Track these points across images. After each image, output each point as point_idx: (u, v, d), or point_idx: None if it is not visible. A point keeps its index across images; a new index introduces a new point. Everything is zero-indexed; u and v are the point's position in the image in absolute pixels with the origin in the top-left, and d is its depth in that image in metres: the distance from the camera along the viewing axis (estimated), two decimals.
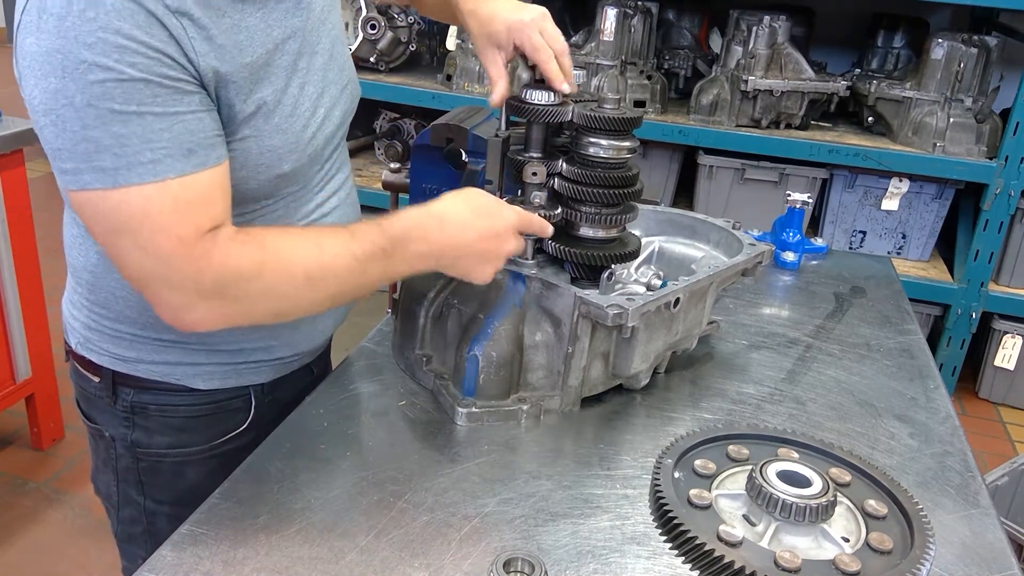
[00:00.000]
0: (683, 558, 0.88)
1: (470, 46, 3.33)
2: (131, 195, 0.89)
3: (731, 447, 1.03)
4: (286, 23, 1.04)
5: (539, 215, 1.14)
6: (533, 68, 1.18)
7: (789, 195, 1.84)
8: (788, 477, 0.93)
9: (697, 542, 0.87)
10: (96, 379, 1.18)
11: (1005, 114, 3.12)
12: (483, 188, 1.35)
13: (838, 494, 0.94)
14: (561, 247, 1.16)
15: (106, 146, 0.87)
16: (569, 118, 1.16)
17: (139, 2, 0.86)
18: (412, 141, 2.43)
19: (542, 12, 1.19)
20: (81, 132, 0.86)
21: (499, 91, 1.19)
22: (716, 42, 3.60)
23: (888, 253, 3.34)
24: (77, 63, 0.84)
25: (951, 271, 3.30)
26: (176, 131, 0.90)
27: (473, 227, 1.05)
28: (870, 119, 3.32)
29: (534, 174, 1.15)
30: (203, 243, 0.92)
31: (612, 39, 3.24)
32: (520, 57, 1.21)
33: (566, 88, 1.16)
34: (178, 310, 0.96)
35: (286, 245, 0.97)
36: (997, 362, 3.36)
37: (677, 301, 1.17)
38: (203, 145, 0.93)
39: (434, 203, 1.06)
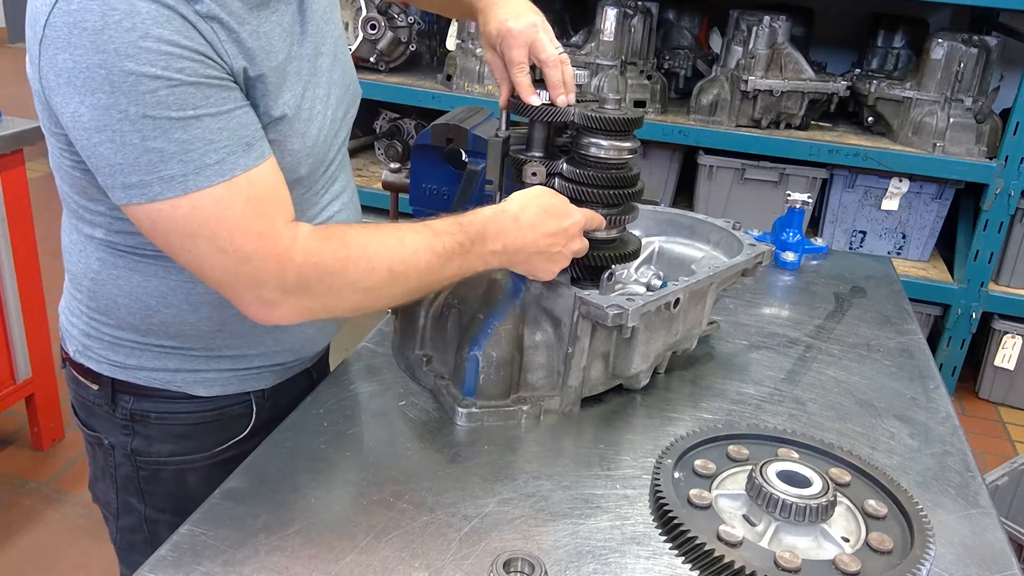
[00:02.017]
0: (683, 558, 0.88)
1: (470, 46, 3.33)
2: (202, 199, 0.88)
3: (731, 447, 1.03)
4: (296, 27, 1.05)
5: None
6: (534, 68, 1.18)
7: (789, 195, 1.84)
8: (788, 477, 0.93)
9: (697, 542, 0.87)
10: (95, 387, 1.17)
11: (1005, 114, 3.12)
12: (483, 188, 1.35)
13: (838, 494, 0.94)
14: None
15: (171, 154, 0.86)
16: (570, 118, 1.16)
17: (174, 8, 0.86)
18: (412, 141, 2.43)
19: (533, 24, 1.17)
20: (142, 144, 0.86)
21: (505, 94, 1.20)
22: (716, 42, 3.60)
23: (888, 253, 3.34)
24: (124, 76, 0.83)
25: (951, 271, 3.30)
26: (232, 127, 0.90)
27: (544, 227, 1.08)
28: (870, 119, 3.32)
29: (534, 174, 1.15)
30: (283, 239, 0.92)
31: (612, 39, 3.24)
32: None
33: (562, 100, 1.16)
34: (263, 307, 0.96)
35: (370, 240, 0.98)
36: (997, 362, 3.36)
37: (677, 301, 1.17)
38: (257, 137, 0.93)
39: (507, 202, 1.09)
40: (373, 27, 3.47)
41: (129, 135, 0.85)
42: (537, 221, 1.07)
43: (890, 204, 3.26)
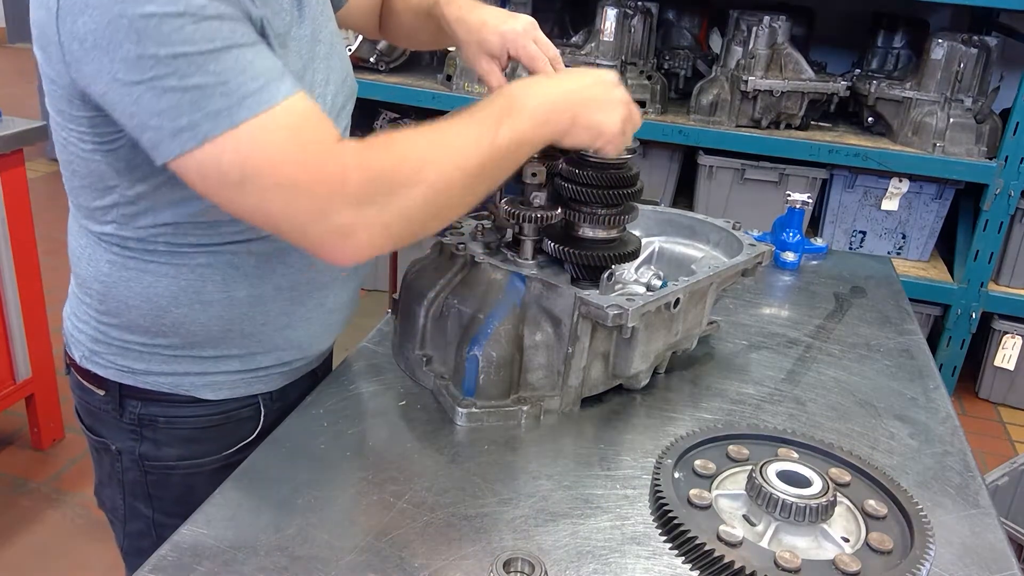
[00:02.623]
0: (683, 558, 0.89)
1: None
2: (246, 135, 0.86)
3: (731, 447, 1.03)
4: (295, 10, 1.05)
5: (539, 215, 1.15)
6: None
7: (789, 195, 1.84)
8: (788, 477, 0.93)
9: (697, 542, 0.87)
10: (101, 392, 1.16)
11: (1005, 114, 3.12)
12: None
13: (838, 494, 0.94)
14: (561, 247, 1.16)
15: (211, 87, 0.84)
16: None
17: None
18: None
19: (532, 21, 1.20)
20: (180, 84, 0.84)
21: None
22: (716, 42, 3.60)
23: (888, 253, 3.34)
24: (147, 20, 0.82)
25: (951, 271, 3.30)
26: (264, 57, 0.89)
27: (578, 77, 1.07)
28: (870, 119, 3.32)
29: (534, 174, 1.15)
30: (334, 159, 0.90)
31: (612, 39, 3.24)
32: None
33: None
34: (339, 239, 0.91)
35: (412, 136, 0.95)
36: (997, 362, 3.37)
37: (677, 301, 1.17)
38: (286, 71, 0.91)
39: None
40: None
41: (166, 79, 0.84)
42: (568, 75, 1.06)
43: (890, 204, 3.26)
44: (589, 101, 1.05)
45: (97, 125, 0.96)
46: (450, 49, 3.51)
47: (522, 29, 1.18)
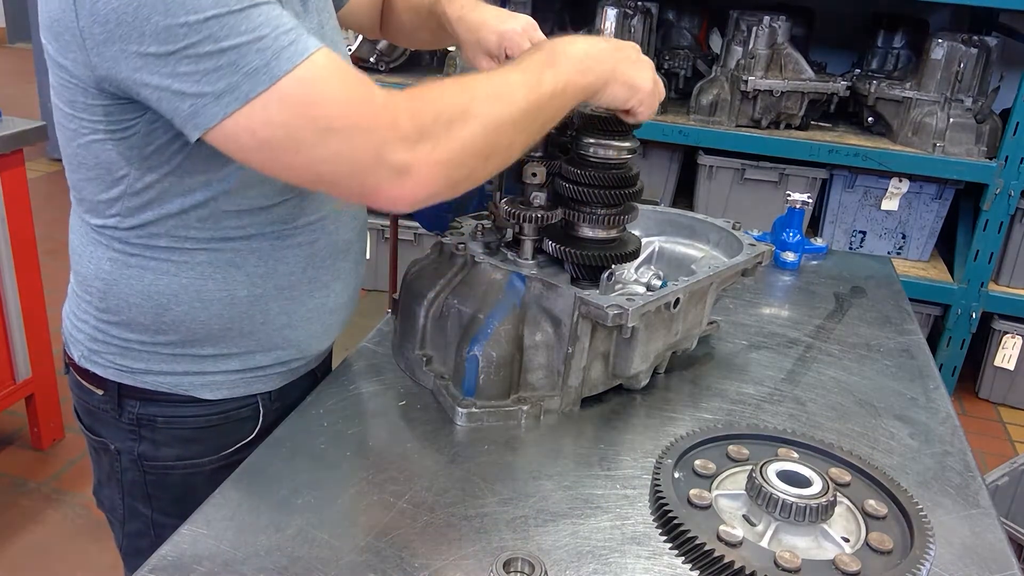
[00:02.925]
0: (683, 558, 0.89)
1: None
2: (288, 87, 0.85)
3: (731, 447, 1.03)
4: (300, 4, 1.06)
5: (539, 215, 1.15)
6: None
7: (789, 195, 1.84)
8: (788, 477, 0.93)
9: (697, 542, 0.87)
10: (100, 392, 1.16)
11: (1005, 114, 3.12)
12: (483, 188, 1.35)
13: (838, 494, 0.94)
14: (561, 247, 1.16)
15: (246, 45, 0.84)
16: (570, 118, 1.17)
17: None
18: None
19: (531, 21, 1.22)
20: (215, 47, 0.84)
21: None
22: (716, 42, 3.60)
23: (888, 253, 3.35)
24: None
25: (951, 271, 3.30)
26: (288, 14, 0.89)
27: (608, 41, 1.07)
28: (870, 119, 3.32)
29: (534, 174, 1.15)
30: (381, 97, 0.89)
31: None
32: None
33: None
34: (398, 179, 0.89)
35: (456, 80, 0.95)
36: (997, 362, 3.37)
37: (677, 301, 1.17)
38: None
39: None
40: None
41: (201, 44, 0.84)
42: (596, 38, 1.06)
43: (890, 204, 3.26)
44: (624, 59, 1.07)
45: (111, 113, 0.96)
46: (450, 49, 3.52)
47: (521, 29, 1.19)
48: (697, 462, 1.00)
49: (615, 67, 1.05)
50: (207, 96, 0.86)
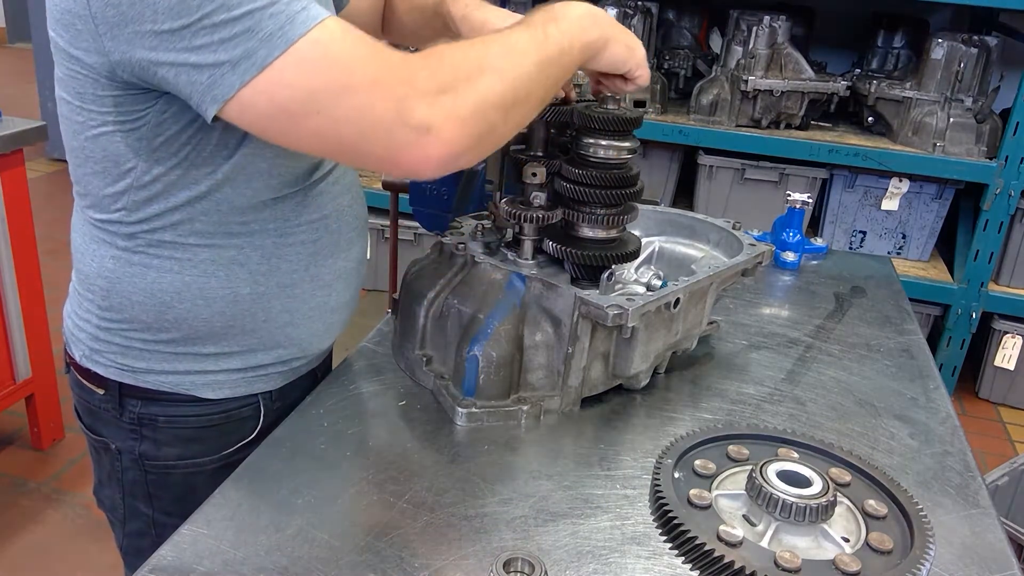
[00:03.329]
0: (683, 558, 0.89)
1: None
2: (303, 49, 0.86)
3: (731, 447, 1.03)
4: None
5: (539, 215, 1.15)
6: None
7: (789, 195, 1.84)
8: (788, 477, 0.93)
9: (697, 542, 0.87)
10: (101, 391, 1.16)
11: (1005, 114, 3.13)
12: (483, 188, 1.36)
13: (838, 494, 0.94)
14: (561, 247, 1.16)
15: (258, 10, 0.84)
16: (570, 118, 1.17)
17: None
18: None
19: None
20: (228, 15, 0.84)
21: None
22: (716, 42, 3.60)
23: (888, 253, 3.35)
24: None
25: (951, 271, 3.31)
26: None
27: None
28: (870, 119, 3.33)
29: (534, 174, 1.15)
30: (397, 55, 0.89)
31: None
32: None
33: (579, 77, 1.19)
34: (418, 136, 0.88)
35: (466, 41, 0.97)
36: (997, 362, 3.37)
37: (677, 301, 1.17)
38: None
39: None
40: None
41: (215, 14, 0.84)
42: (592, 6, 1.08)
43: (890, 204, 3.26)
44: (617, 24, 1.09)
45: (121, 104, 0.96)
46: None
47: None
48: (697, 462, 1.00)
49: (612, 28, 1.07)
50: (224, 65, 0.86)
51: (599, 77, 1.14)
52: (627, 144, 1.16)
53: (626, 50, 1.08)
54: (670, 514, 0.91)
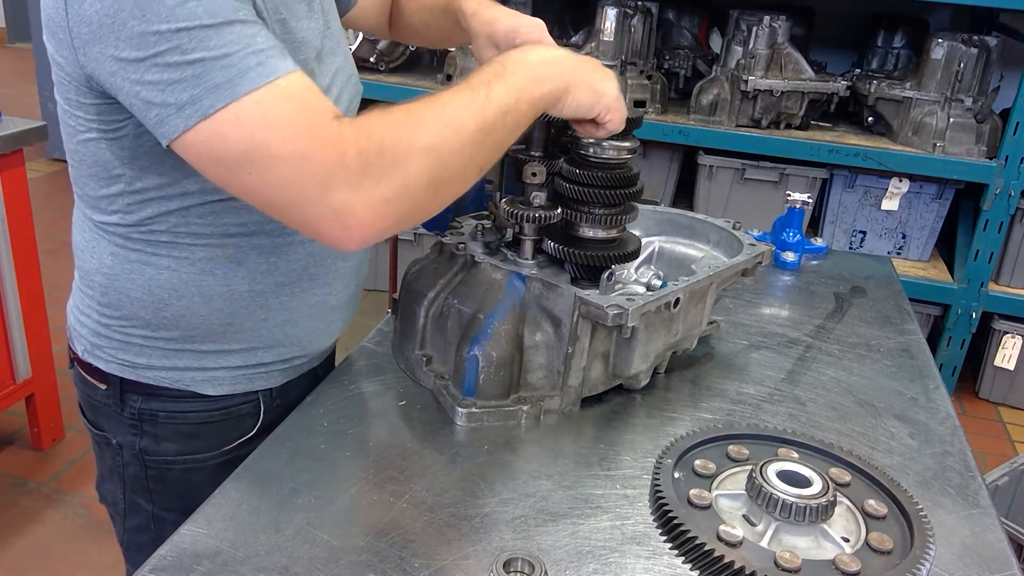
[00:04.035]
0: (683, 558, 0.89)
1: (471, 46, 3.34)
2: (246, 107, 0.86)
3: (731, 447, 1.03)
4: (301, 6, 1.07)
5: (539, 215, 1.15)
6: None
7: (789, 195, 1.84)
8: (788, 477, 0.93)
9: (697, 542, 0.87)
10: (103, 386, 1.17)
11: (1005, 114, 3.12)
12: (483, 188, 1.35)
13: (838, 494, 0.94)
14: (561, 247, 1.16)
15: (212, 60, 0.85)
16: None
17: None
18: None
19: (540, 22, 1.23)
20: (182, 59, 0.85)
21: None
22: (716, 42, 3.60)
23: (888, 253, 3.35)
24: None
25: (951, 271, 3.30)
26: (266, 35, 0.89)
27: (568, 52, 1.06)
28: (870, 119, 3.32)
29: (534, 174, 1.15)
30: (333, 127, 0.89)
31: (612, 39, 3.24)
32: None
33: None
34: (339, 216, 0.89)
35: (407, 105, 0.93)
36: (997, 362, 3.37)
37: (677, 301, 1.17)
38: (287, 52, 0.92)
39: None
40: None
41: (168, 54, 0.85)
42: (558, 49, 1.05)
43: (890, 204, 3.26)
44: (584, 65, 1.05)
45: (102, 113, 0.97)
46: (451, 49, 3.52)
47: (533, 24, 1.22)
48: (697, 462, 1.00)
49: (576, 74, 1.02)
50: (171, 107, 0.87)
51: (571, 121, 1.10)
52: (627, 144, 1.16)
53: (591, 95, 1.03)
54: (670, 514, 0.91)
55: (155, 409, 1.16)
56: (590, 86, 1.03)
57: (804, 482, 0.93)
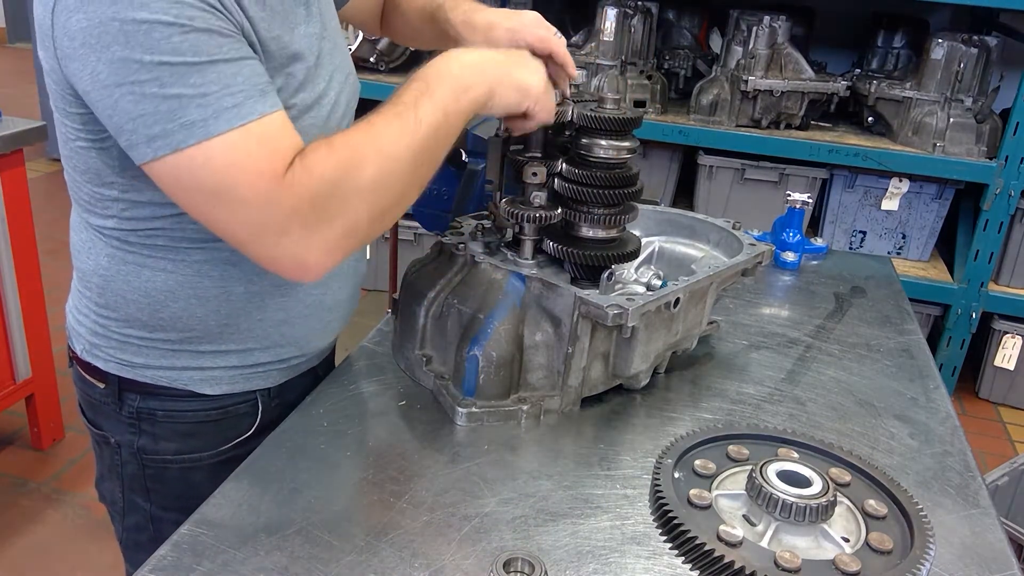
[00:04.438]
0: (683, 558, 0.89)
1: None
2: (218, 147, 0.88)
3: (731, 447, 1.03)
4: (300, 10, 1.07)
5: (539, 215, 1.15)
6: None
7: (789, 195, 1.84)
8: (788, 477, 0.93)
9: (697, 542, 0.87)
10: (102, 385, 1.17)
11: (1005, 114, 3.12)
12: (483, 188, 1.36)
13: (838, 494, 0.94)
14: (561, 247, 1.16)
15: (189, 99, 0.86)
16: (569, 118, 1.17)
17: None
18: None
19: (537, 16, 1.24)
20: (160, 92, 0.86)
21: None
22: (716, 42, 3.60)
23: (888, 253, 3.34)
24: (137, 25, 0.84)
25: (951, 271, 3.30)
26: (247, 74, 0.90)
27: (492, 52, 1.08)
28: (870, 119, 3.32)
29: (534, 174, 1.15)
30: (295, 173, 0.92)
31: (612, 39, 3.24)
32: None
33: (579, 77, 1.19)
34: (296, 255, 0.94)
35: (349, 135, 0.96)
36: (997, 362, 3.37)
37: (677, 301, 1.17)
38: (269, 89, 0.93)
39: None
40: None
41: (147, 84, 0.86)
42: (484, 48, 1.07)
43: (890, 204, 3.26)
44: (506, 61, 1.06)
45: (88, 123, 0.98)
46: None
47: (529, 21, 1.21)
48: (697, 462, 1.00)
49: (499, 73, 1.04)
50: (139, 135, 0.89)
51: (503, 119, 1.13)
52: (627, 144, 1.16)
53: (516, 93, 1.06)
54: (670, 514, 0.91)
55: (153, 408, 1.16)
56: (514, 84, 1.05)
57: (804, 482, 0.93)
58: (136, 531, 1.25)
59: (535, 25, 1.20)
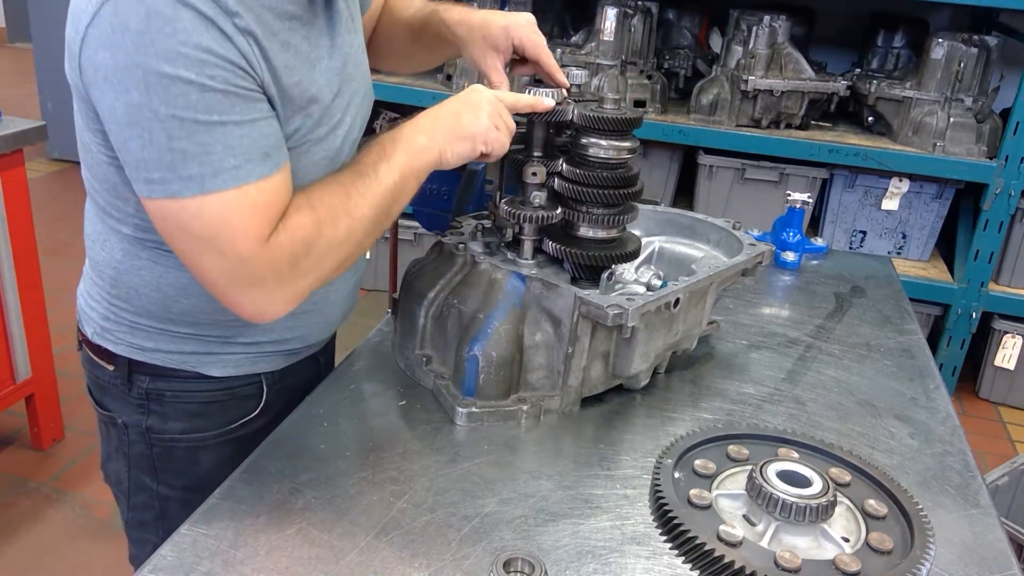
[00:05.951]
0: (683, 558, 0.89)
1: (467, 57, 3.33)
2: (212, 203, 0.92)
3: (731, 447, 1.03)
4: (325, 40, 1.08)
5: (539, 215, 1.15)
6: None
7: (789, 195, 1.84)
8: (788, 477, 0.93)
9: (697, 542, 0.87)
10: (111, 367, 1.20)
11: (1005, 114, 3.12)
12: (483, 188, 1.36)
13: (838, 494, 0.94)
14: (561, 247, 1.16)
15: (193, 155, 0.90)
16: (569, 118, 1.17)
17: (213, 20, 0.89)
18: None
19: (531, 17, 1.26)
20: (167, 143, 0.89)
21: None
22: (716, 42, 3.60)
23: (888, 253, 3.34)
24: (159, 77, 0.87)
25: (951, 271, 3.30)
26: (253, 136, 0.94)
27: (446, 102, 1.12)
28: (870, 119, 3.32)
29: (534, 174, 1.15)
30: (280, 235, 0.96)
31: (612, 39, 3.24)
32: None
33: (567, 81, 1.21)
34: (261, 306, 1.00)
35: (323, 193, 1.01)
36: (997, 362, 3.37)
37: (677, 301, 1.17)
38: (276, 147, 0.97)
39: None
40: None
41: (156, 133, 0.89)
42: (435, 107, 1.11)
43: (890, 204, 3.26)
44: (450, 114, 1.10)
45: (108, 141, 0.99)
46: None
47: (524, 21, 1.24)
48: (697, 462, 1.00)
49: (446, 132, 1.09)
50: (139, 175, 0.93)
51: None
52: (626, 144, 1.16)
53: (465, 143, 1.09)
54: (670, 514, 0.91)
55: (162, 389, 1.19)
56: (460, 136, 1.09)
57: (804, 482, 0.93)
58: (142, 510, 1.28)
59: (528, 27, 1.23)
